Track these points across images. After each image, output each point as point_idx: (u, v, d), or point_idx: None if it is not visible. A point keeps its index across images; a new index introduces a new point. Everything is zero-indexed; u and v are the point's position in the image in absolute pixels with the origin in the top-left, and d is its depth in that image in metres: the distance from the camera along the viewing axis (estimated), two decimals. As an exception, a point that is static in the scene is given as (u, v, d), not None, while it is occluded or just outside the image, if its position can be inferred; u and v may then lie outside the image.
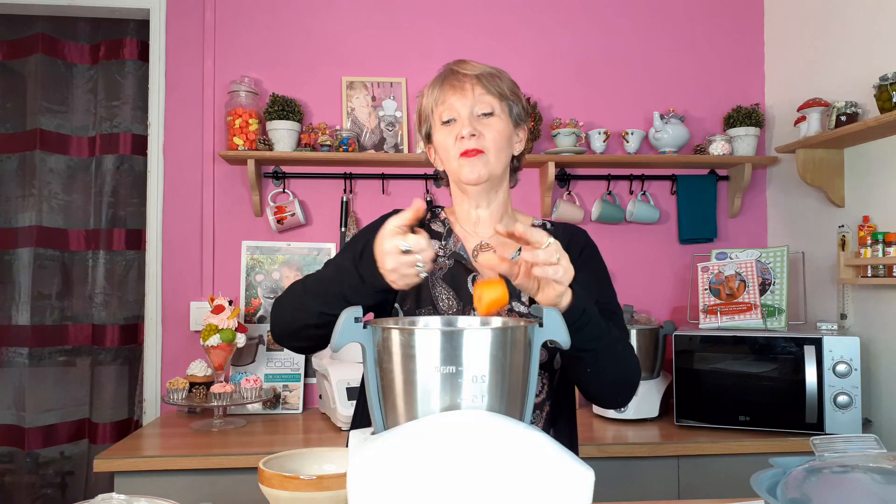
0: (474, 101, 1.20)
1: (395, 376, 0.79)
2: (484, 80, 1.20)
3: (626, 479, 2.00)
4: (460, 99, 1.20)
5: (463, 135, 1.18)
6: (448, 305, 1.20)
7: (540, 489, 0.71)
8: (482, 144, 1.19)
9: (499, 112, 1.21)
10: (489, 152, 1.19)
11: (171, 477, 1.86)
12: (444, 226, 1.31)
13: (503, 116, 1.22)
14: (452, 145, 1.20)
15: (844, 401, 1.99)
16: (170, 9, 2.57)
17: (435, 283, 1.22)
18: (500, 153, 1.21)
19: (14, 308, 2.71)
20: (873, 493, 0.88)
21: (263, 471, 0.95)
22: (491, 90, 1.20)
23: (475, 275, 1.22)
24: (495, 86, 1.21)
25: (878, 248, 2.06)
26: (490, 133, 1.20)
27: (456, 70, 1.22)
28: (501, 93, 1.22)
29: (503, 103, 1.22)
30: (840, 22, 2.32)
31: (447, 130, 1.21)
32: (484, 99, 1.20)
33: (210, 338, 2.20)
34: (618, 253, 2.68)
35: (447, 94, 1.21)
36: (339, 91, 2.61)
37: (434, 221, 1.32)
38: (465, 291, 1.21)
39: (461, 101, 1.20)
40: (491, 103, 1.20)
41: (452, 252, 1.26)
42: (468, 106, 1.20)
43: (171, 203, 2.55)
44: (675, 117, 2.57)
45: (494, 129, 1.20)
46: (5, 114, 2.78)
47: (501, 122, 1.21)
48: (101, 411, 2.71)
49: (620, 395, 1.20)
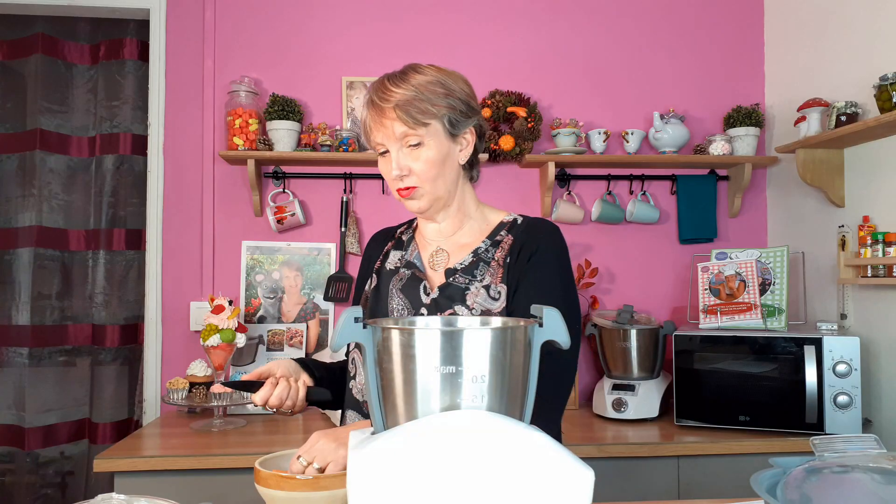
0: (396, 136, 1.17)
1: (395, 376, 0.79)
2: (401, 110, 1.15)
3: (626, 479, 2.00)
4: (384, 135, 1.18)
5: (392, 175, 1.19)
6: (400, 315, 1.22)
7: (540, 489, 0.71)
8: (412, 181, 1.19)
9: (426, 139, 1.17)
10: (422, 185, 1.19)
11: (171, 477, 1.86)
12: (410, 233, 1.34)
13: (433, 141, 1.17)
14: (391, 180, 1.21)
15: (844, 401, 1.99)
16: (170, 9, 2.57)
17: (393, 293, 1.25)
18: (435, 181, 1.19)
19: (14, 308, 2.71)
20: (873, 493, 0.88)
21: (259, 471, 0.95)
22: (410, 120, 1.15)
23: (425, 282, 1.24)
24: (416, 112, 1.15)
25: (878, 248, 2.06)
26: (418, 165, 1.18)
27: (374, 101, 1.18)
28: (423, 116, 1.15)
29: (431, 125, 1.17)
30: (840, 22, 2.32)
31: (383, 162, 1.22)
32: (405, 133, 1.16)
33: (210, 338, 2.20)
34: (618, 253, 2.68)
35: (373, 128, 1.20)
36: (339, 91, 2.61)
37: (406, 231, 1.36)
38: (417, 300, 1.22)
39: (384, 134, 1.18)
40: (414, 135, 1.16)
41: (407, 261, 1.28)
42: (392, 139, 1.18)
43: (171, 203, 2.55)
44: (675, 117, 2.57)
45: (422, 160, 1.17)
46: (5, 114, 2.78)
47: (431, 149, 1.17)
48: (101, 411, 2.71)
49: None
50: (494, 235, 1.25)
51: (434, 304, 1.20)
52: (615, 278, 2.68)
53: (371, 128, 1.20)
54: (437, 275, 1.25)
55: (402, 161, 1.18)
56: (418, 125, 1.16)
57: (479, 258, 1.23)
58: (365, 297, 1.28)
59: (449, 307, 1.19)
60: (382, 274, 1.29)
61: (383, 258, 1.32)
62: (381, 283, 1.27)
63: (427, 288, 1.23)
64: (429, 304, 1.21)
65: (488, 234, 1.26)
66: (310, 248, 2.56)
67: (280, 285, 2.53)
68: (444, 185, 1.21)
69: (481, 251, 1.24)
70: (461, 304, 1.18)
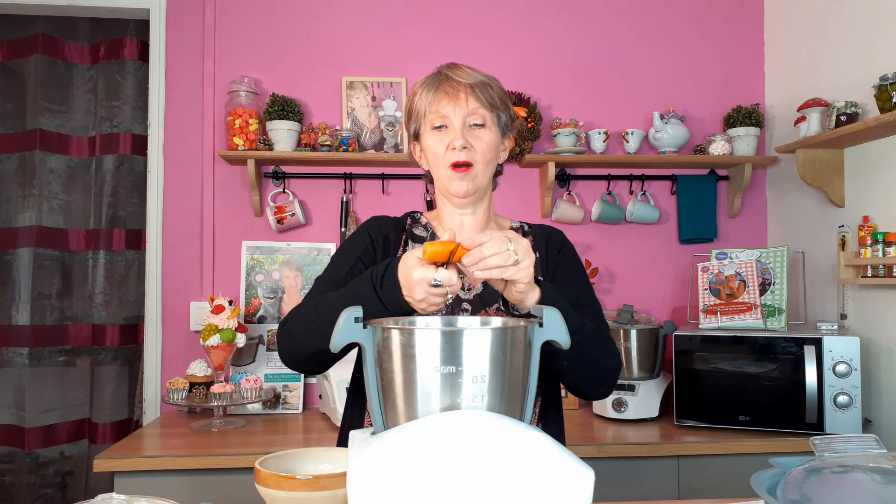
0: (467, 112, 1.20)
1: (395, 376, 0.79)
2: (477, 90, 1.21)
3: (626, 479, 2.00)
4: (454, 107, 1.20)
5: (455, 146, 1.19)
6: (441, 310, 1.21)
7: (540, 489, 0.71)
8: (472, 157, 1.20)
9: (489, 123, 1.22)
10: (478, 164, 1.21)
11: (171, 477, 1.86)
12: (426, 230, 1.33)
13: (493, 128, 1.23)
14: (443, 154, 1.21)
15: (844, 401, 1.99)
16: (170, 9, 2.57)
17: None
18: (487, 165, 1.23)
19: (14, 308, 2.71)
20: (873, 493, 0.88)
21: (260, 471, 0.95)
22: (483, 101, 1.21)
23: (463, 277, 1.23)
24: (487, 96, 1.21)
25: (878, 248, 2.06)
26: (480, 145, 1.21)
27: (450, 76, 1.22)
28: (493, 103, 1.22)
29: (493, 114, 1.23)
30: (840, 22, 2.32)
31: (438, 137, 1.22)
32: (476, 110, 1.21)
33: (210, 338, 2.20)
34: (618, 253, 2.68)
35: (441, 100, 1.21)
36: (339, 91, 2.61)
37: (416, 226, 1.34)
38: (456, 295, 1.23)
39: (455, 109, 1.20)
40: (483, 115, 1.21)
41: None
42: (461, 116, 1.20)
43: (171, 203, 2.55)
44: (675, 117, 2.57)
45: (484, 142, 1.21)
46: (5, 114, 2.78)
47: (491, 133, 1.22)
48: (101, 411, 2.71)
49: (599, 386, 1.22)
50: None
51: (479, 299, 1.24)
52: (615, 278, 2.68)
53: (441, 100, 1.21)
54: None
55: (466, 135, 1.20)
56: (490, 108, 1.21)
57: None
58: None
59: (495, 301, 1.22)
60: None
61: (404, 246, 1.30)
62: None
63: (467, 283, 1.25)
64: (472, 300, 1.24)
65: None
66: (310, 248, 2.56)
67: (280, 285, 2.54)
68: (488, 176, 1.26)
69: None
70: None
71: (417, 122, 1.26)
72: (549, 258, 1.28)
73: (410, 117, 1.28)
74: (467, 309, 1.23)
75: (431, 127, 1.22)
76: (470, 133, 1.21)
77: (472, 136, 1.20)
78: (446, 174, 1.22)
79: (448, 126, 1.21)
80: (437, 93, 1.22)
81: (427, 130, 1.24)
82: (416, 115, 1.26)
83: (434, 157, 1.23)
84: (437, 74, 1.24)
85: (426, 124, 1.23)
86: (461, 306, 1.23)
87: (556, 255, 1.28)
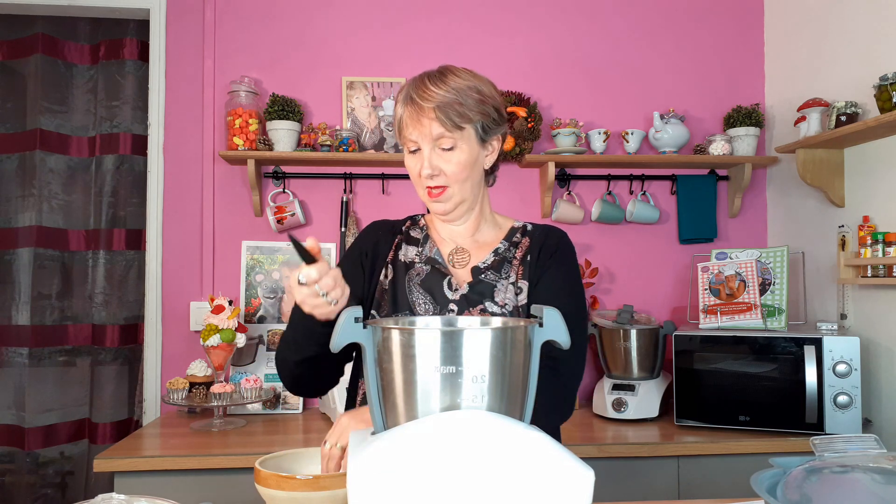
0: (432, 137, 1.19)
1: (395, 376, 0.79)
2: (441, 112, 1.16)
3: (626, 479, 2.00)
4: (419, 133, 1.19)
5: (424, 174, 1.20)
6: (425, 310, 1.23)
7: (540, 489, 0.71)
8: (443, 181, 1.21)
9: (459, 143, 1.19)
10: (451, 186, 1.22)
11: (171, 477, 1.86)
12: (422, 231, 1.34)
13: (465, 145, 1.20)
14: (418, 177, 1.23)
15: (844, 401, 1.99)
16: (170, 9, 2.57)
17: (412, 287, 1.26)
18: (463, 183, 1.23)
19: (14, 308, 2.70)
20: (873, 493, 0.88)
21: (260, 471, 0.95)
22: (448, 123, 1.17)
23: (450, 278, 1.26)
24: (455, 114, 1.17)
25: (878, 248, 2.06)
26: (450, 168, 1.20)
27: (415, 99, 1.19)
28: (462, 118, 1.18)
29: (465, 129, 1.19)
30: (840, 22, 2.32)
31: (413, 159, 1.23)
32: (441, 135, 1.18)
33: (210, 338, 2.20)
34: (618, 253, 2.68)
35: (407, 124, 1.20)
36: (339, 91, 2.61)
37: (413, 228, 1.35)
38: (441, 295, 1.25)
39: (420, 133, 1.19)
40: (450, 137, 1.18)
41: (428, 257, 1.29)
42: (427, 138, 1.19)
43: (171, 203, 2.55)
44: (675, 117, 2.56)
45: (454, 163, 1.20)
46: (5, 114, 2.77)
47: (463, 152, 1.20)
48: (101, 411, 2.71)
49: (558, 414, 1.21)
50: (511, 237, 1.31)
51: (464, 300, 1.24)
52: (615, 278, 2.68)
53: (407, 125, 1.21)
54: (461, 272, 1.28)
55: (434, 161, 1.20)
56: (455, 128, 1.18)
57: (501, 257, 1.28)
58: (382, 289, 1.28)
59: (479, 303, 1.23)
60: (397, 266, 1.29)
61: (395, 250, 1.32)
62: (396, 276, 1.28)
63: (454, 284, 1.25)
64: (457, 300, 1.24)
65: (504, 237, 1.32)
66: (310, 248, 2.56)
67: (280, 285, 2.53)
68: (470, 188, 1.25)
69: (501, 251, 1.29)
70: (490, 301, 1.23)
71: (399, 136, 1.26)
72: (539, 262, 1.26)
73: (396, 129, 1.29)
74: (453, 310, 1.23)
75: (407, 150, 1.24)
76: (440, 157, 1.20)
77: (441, 159, 1.20)
78: (424, 195, 1.25)
79: (420, 148, 1.21)
80: (404, 116, 1.21)
81: (405, 151, 1.25)
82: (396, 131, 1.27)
83: (413, 177, 1.25)
84: (407, 94, 1.21)
85: (402, 143, 1.25)
86: (448, 307, 1.23)
87: (548, 260, 1.26)
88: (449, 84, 1.18)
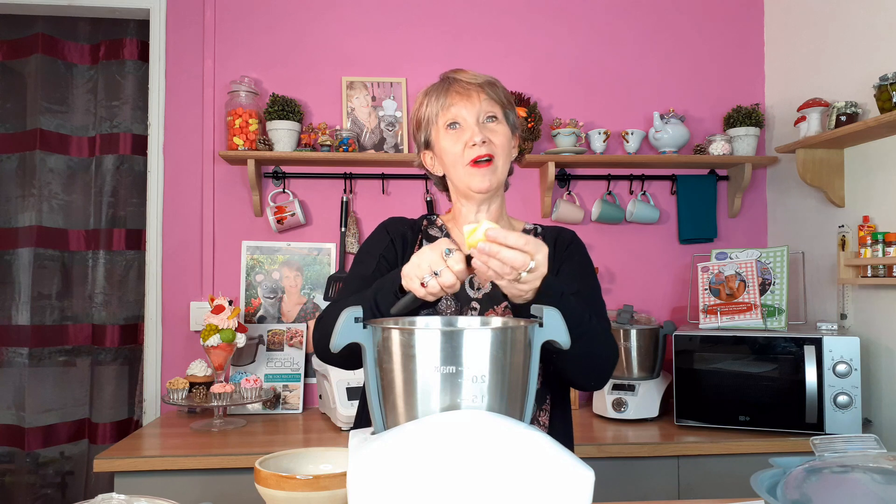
0: (480, 108, 1.23)
1: (395, 376, 0.79)
2: (487, 88, 1.24)
3: (626, 479, 2.00)
4: (467, 106, 1.22)
5: (475, 141, 1.20)
6: (447, 307, 1.24)
7: (540, 489, 0.71)
8: (492, 150, 1.22)
9: (501, 118, 1.26)
10: (498, 158, 1.23)
11: (171, 477, 1.86)
12: (441, 231, 1.34)
13: (505, 123, 1.26)
14: (461, 152, 1.22)
15: (844, 401, 1.99)
16: (170, 9, 2.57)
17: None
18: (506, 159, 1.26)
19: (14, 308, 2.70)
20: (873, 493, 0.88)
21: (260, 471, 0.95)
22: (494, 98, 1.25)
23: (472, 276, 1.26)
24: (497, 94, 1.26)
25: (878, 248, 2.06)
26: (498, 138, 1.23)
27: (459, 79, 1.25)
28: (501, 100, 1.26)
29: (503, 110, 1.27)
30: (840, 22, 2.32)
31: (454, 136, 1.23)
32: (491, 106, 1.24)
33: (210, 338, 2.20)
34: (618, 253, 2.68)
35: (453, 100, 1.23)
36: (339, 91, 2.61)
37: (431, 227, 1.35)
38: (464, 294, 1.25)
39: (468, 107, 1.22)
40: (495, 109, 1.25)
41: None
42: (475, 113, 1.22)
43: (171, 203, 2.55)
44: (675, 117, 2.56)
45: (500, 135, 1.24)
46: (5, 114, 2.77)
47: (505, 127, 1.26)
48: (101, 411, 2.71)
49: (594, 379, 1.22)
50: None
51: (487, 299, 1.25)
52: (615, 278, 2.68)
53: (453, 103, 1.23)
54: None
55: (483, 131, 1.22)
56: (500, 104, 1.25)
57: None
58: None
59: (503, 301, 1.24)
60: None
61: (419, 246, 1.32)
62: None
63: (476, 283, 1.27)
64: (480, 299, 1.25)
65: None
66: (310, 248, 2.56)
67: (280, 285, 2.54)
68: (506, 171, 1.28)
69: None
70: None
71: (428, 128, 1.27)
72: (556, 255, 1.29)
73: (420, 126, 1.30)
74: (476, 308, 1.24)
75: (445, 127, 1.24)
76: (485, 128, 1.23)
77: (488, 130, 1.23)
78: (466, 172, 1.22)
79: (462, 125, 1.23)
80: (449, 95, 1.24)
81: (441, 133, 1.25)
82: (425, 122, 1.27)
83: (451, 156, 1.23)
84: (444, 80, 1.27)
85: (440, 127, 1.25)
86: (470, 305, 1.24)
87: (563, 252, 1.30)
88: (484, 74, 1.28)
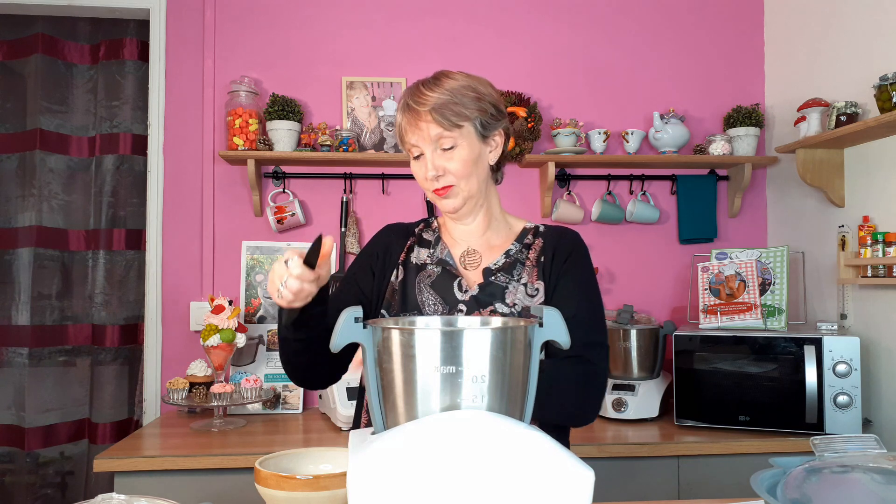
0: (431, 139, 1.21)
1: (395, 376, 0.79)
2: (437, 114, 1.19)
3: (626, 479, 2.00)
4: (418, 134, 1.22)
5: (428, 176, 1.23)
6: (434, 310, 1.25)
7: (540, 489, 0.71)
8: (448, 180, 1.23)
9: (460, 140, 1.21)
10: (457, 183, 1.24)
11: (171, 477, 1.86)
12: (434, 234, 1.36)
13: (466, 142, 1.22)
14: (425, 180, 1.25)
15: (844, 401, 1.99)
16: (170, 9, 2.57)
17: (422, 288, 1.27)
18: (469, 178, 1.24)
19: (14, 308, 2.70)
20: (873, 493, 0.88)
21: (260, 471, 0.95)
22: (445, 122, 1.19)
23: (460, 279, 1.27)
24: (450, 114, 1.19)
25: (878, 248, 2.06)
26: (454, 165, 1.22)
27: (411, 105, 1.22)
28: (457, 119, 1.20)
29: (464, 127, 1.21)
30: (840, 22, 2.32)
31: (417, 165, 1.26)
32: (440, 136, 1.20)
33: (210, 338, 2.20)
34: (618, 253, 2.68)
35: (407, 131, 1.24)
36: (339, 91, 2.61)
37: (426, 231, 1.37)
38: (451, 297, 1.26)
39: (420, 139, 1.23)
40: (449, 137, 1.20)
41: (439, 259, 1.31)
42: (428, 144, 1.22)
43: (171, 203, 2.55)
44: (675, 117, 2.56)
45: (456, 161, 1.22)
46: (5, 114, 2.77)
47: (464, 150, 1.22)
48: (101, 411, 2.71)
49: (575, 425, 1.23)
50: (522, 239, 1.32)
51: (474, 301, 1.25)
52: (615, 278, 2.68)
53: (406, 131, 1.24)
54: (472, 273, 1.29)
55: (436, 162, 1.22)
56: (453, 127, 1.20)
57: (513, 259, 1.28)
58: (392, 289, 1.29)
59: (490, 304, 1.24)
60: (408, 268, 1.31)
61: (407, 252, 1.33)
62: (407, 277, 1.30)
63: (464, 285, 1.26)
64: (467, 301, 1.25)
65: (516, 238, 1.32)
66: (310, 248, 2.56)
67: (280, 285, 2.53)
68: (477, 184, 1.26)
69: (513, 253, 1.29)
70: (501, 302, 1.24)
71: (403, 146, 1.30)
72: (553, 266, 1.27)
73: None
74: (462, 310, 1.24)
75: (411, 156, 1.27)
76: (442, 157, 1.22)
77: (443, 159, 1.22)
78: (433, 197, 1.27)
79: (423, 153, 1.24)
80: (403, 123, 1.25)
81: (410, 158, 1.28)
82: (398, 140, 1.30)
83: (420, 183, 1.28)
84: (404, 102, 1.25)
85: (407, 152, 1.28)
86: (457, 308, 1.24)
87: (562, 265, 1.26)
88: (443, 86, 1.21)
